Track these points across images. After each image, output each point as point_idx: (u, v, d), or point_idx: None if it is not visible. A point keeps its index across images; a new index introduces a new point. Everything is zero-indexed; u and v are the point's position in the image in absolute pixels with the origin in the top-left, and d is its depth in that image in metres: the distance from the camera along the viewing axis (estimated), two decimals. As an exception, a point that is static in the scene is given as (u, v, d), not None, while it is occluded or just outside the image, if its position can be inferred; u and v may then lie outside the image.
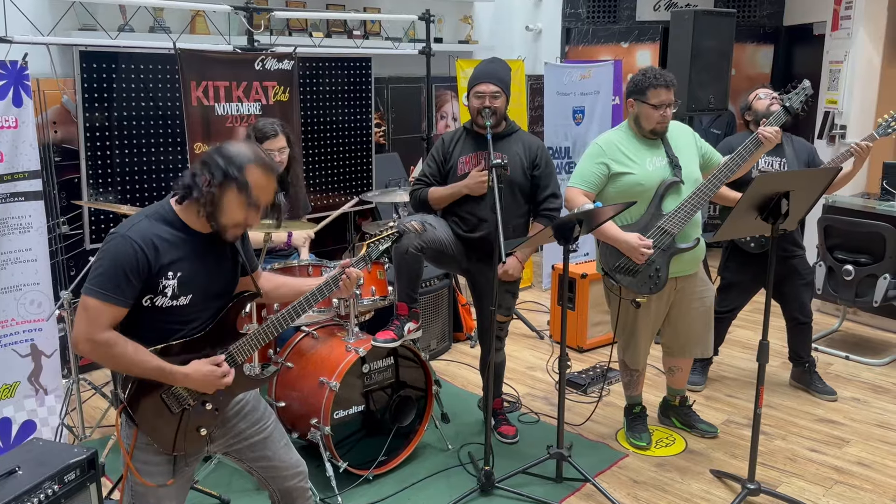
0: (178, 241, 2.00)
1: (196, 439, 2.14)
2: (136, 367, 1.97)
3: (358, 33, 5.53)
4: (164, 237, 1.98)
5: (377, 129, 5.51)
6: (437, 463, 3.35)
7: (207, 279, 2.07)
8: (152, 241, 1.95)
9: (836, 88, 5.71)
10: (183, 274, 2.00)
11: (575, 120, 5.80)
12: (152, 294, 1.97)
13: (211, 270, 2.09)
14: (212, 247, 2.08)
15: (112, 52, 3.95)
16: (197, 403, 2.11)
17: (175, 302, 2.01)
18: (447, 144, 3.37)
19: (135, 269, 1.92)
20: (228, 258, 2.15)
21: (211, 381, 2.06)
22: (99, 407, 3.79)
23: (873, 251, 4.33)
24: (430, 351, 4.48)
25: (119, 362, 1.97)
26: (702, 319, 3.35)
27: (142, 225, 1.97)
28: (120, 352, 1.93)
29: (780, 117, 3.23)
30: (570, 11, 6.87)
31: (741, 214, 2.79)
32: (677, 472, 3.28)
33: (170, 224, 2.01)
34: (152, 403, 2.05)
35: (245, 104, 4.18)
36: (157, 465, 2.10)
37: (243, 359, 2.15)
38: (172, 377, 2.01)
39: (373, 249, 2.35)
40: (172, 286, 1.98)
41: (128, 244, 1.92)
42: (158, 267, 1.95)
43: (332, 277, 2.27)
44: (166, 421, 2.07)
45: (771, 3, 6.67)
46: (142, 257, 1.92)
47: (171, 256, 1.98)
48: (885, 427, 3.68)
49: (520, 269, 3.36)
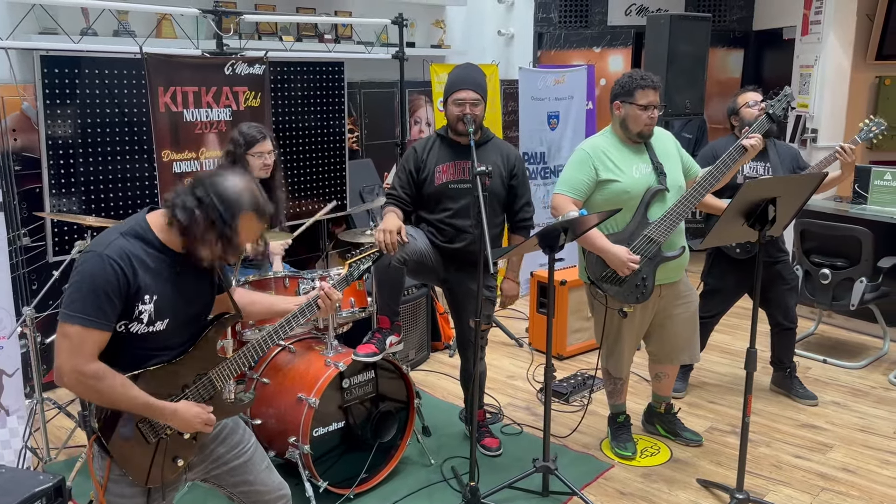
0: (155, 261, 1.89)
1: (172, 470, 2.02)
2: (122, 403, 1.85)
3: (329, 37, 5.42)
4: (141, 257, 1.86)
5: (350, 135, 5.40)
6: (421, 479, 3.26)
7: (185, 302, 1.96)
8: (130, 261, 1.83)
9: (807, 92, 5.77)
10: (159, 297, 1.88)
11: (550, 125, 5.76)
12: (127, 320, 1.85)
13: (188, 292, 1.98)
14: (188, 266, 1.96)
15: (75, 57, 3.79)
16: (174, 432, 1.99)
17: (151, 328, 1.89)
18: (420, 153, 3.24)
19: (115, 289, 1.80)
20: (206, 278, 2.04)
21: (195, 424, 1.96)
22: (64, 427, 3.63)
23: (849, 255, 4.35)
24: (409, 361, 4.39)
25: (105, 397, 1.84)
26: (688, 326, 3.31)
27: (119, 243, 1.85)
28: (108, 385, 1.81)
29: (764, 125, 3.21)
30: (541, 16, 6.84)
31: (728, 221, 2.75)
32: (664, 483, 3.24)
33: (147, 243, 1.89)
34: (128, 433, 1.93)
35: (215, 110, 4.05)
36: (131, 498, 1.97)
37: (222, 385, 2.05)
38: (161, 414, 1.91)
39: (354, 269, 2.27)
40: (149, 311, 1.87)
41: (106, 263, 1.80)
42: (136, 289, 1.84)
43: (312, 299, 2.18)
44: (142, 451, 1.95)
45: (741, 7, 6.71)
46: (121, 277, 1.80)
47: (149, 278, 1.86)
48: (867, 431, 3.69)
49: (517, 290, 3.38)
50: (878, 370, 4.41)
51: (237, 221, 1.87)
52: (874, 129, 3.65)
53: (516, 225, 3.33)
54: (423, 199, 3.24)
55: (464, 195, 3.16)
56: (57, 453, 3.38)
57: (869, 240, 4.24)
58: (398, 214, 3.09)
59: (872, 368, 4.44)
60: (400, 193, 3.23)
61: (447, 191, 3.18)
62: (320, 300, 2.17)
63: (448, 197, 3.18)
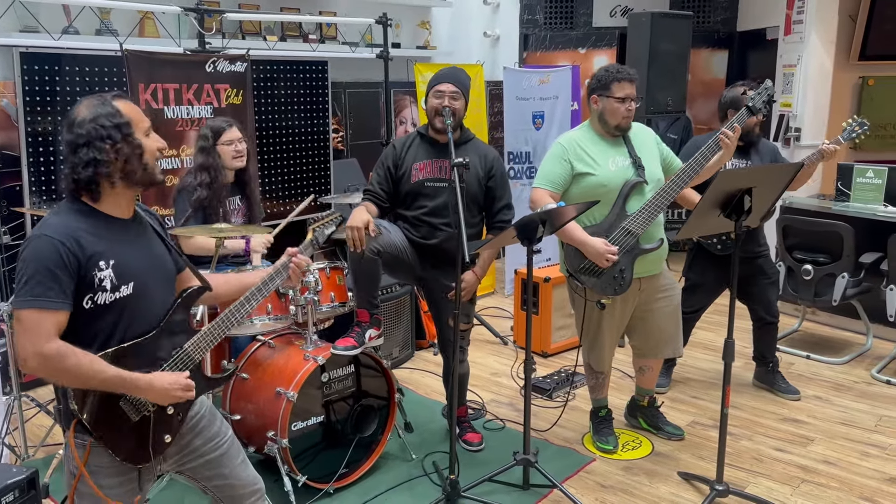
0: (100, 229, 1.87)
1: (160, 447, 1.99)
2: (93, 379, 1.81)
3: (314, 37, 5.42)
4: (85, 228, 1.84)
5: (335, 135, 5.41)
6: (401, 473, 3.25)
7: (145, 262, 1.94)
8: (72, 235, 1.80)
9: (790, 92, 5.80)
10: (117, 260, 1.86)
11: (535, 125, 5.78)
12: (91, 292, 1.83)
13: (146, 253, 1.96)
14: (137, 231, 1.97)
15: (55, 54, 3.79)
16: (157, 408, 1.97)
17: (118, 294, 1.86)
18: (399, 150, 3.24)
19: (62, 265, 1.77)
20: (160, 243, 2.03)
21: (172, 393, 1.92)
22: (43, 425, 3.60)
23: (831, 251, 4.37)
24: (393, 359, 4.38)
25: (74, 375, 1.80)
26: (670, 319, 3.31)
27: (55, 220, 1.83)
28: (74, 363, 1.78)
29: (744, 117, 3.21)
30: (527, 18, 6.87)
31: (704, 212, 2.76)
32: (645, 476, 3.24)
33: (86, 215, 1.87)
34: (110, 413, 1.90)
35: (196, 107, 4.05)
36: (120, 487, 1.95)
37: (200, 356, 2.03)
38: (135, 385, 1.86)
39: (319, 233, 2.28)
40: (109, 276, 1.84)
41: (47, 242, 1.77)
42: (87, 259, 1.81)
43: (280, 265, 2.17)
44: (126, 429, 1.92)
45: (725, 8, 6.75)
46: (65, 252, 1.78)
47: (97, 246, 1.84)
48: (848, 425, 3.70)
49: (476, 285, 3.27)
50: (861, 365, 4.43)
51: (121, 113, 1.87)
52: (857, 128, 3.67)
53: (494, 227, 3.29)
54: (399, 196, 3.24)
55: (440, 193, 3.16)
56: (35, 451, 3.36)
57: (850, 235, 4.26)
58: (369, 209, 3.09)
59: (855, 364, 4.46)
60: (376, 189, 3.22)
61: (423, 188, 3.18)
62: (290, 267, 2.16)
63: (424, 195, 3.18)
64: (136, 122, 1.90)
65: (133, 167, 1.87)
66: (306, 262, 2.18)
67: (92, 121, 1.84)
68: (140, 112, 1.94)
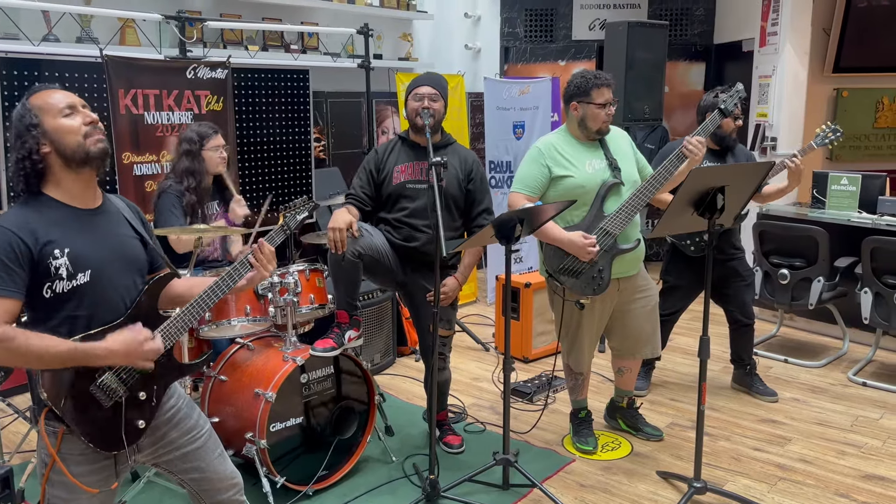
0: (55, 218, 1.89)
1: (135, 433, 1.99)
2: (47, 356, 1.80)
3: (295, 48, 5.46)
4: (39, 218, 1.86)
5: (317, 144, 5.43)
6: (381, 476, 3.24)
7: (106, 252, 1.95)
8: (26, 225, 1.83)
9: (766, 102, 5.89)
10: (72, 249, 1.87)
11: (515, 134, 5.83)
12: (48, 280, 1.84)
13: (105, 242, 1.96)
14: (100, 220, 1.98)
15: (35, 59, 3.79)
16: (130, 394, 1.97)
17: (75, 282, 1.87)
18: (381, 154, 3.28)
19: (11, 255, 1.79)
20: (126, 233, 2.04)
21: (135, 348, 1.89)
22: (19, 432, 3.57)
23: (807, 255, 4.43)
24: (374, 365, 4.38)
25: (26, 356, 1.79)
26: (648, 319, 3.34)
27: (11, 213, 1.87)
28: (23, 343, 1.77)
29: (717, 119, 3.26)
30: (508, 31, 6.95)
31: (677, 210, 2.80)
32: (624, 475, 3.25)
33: (42, 206, 1.90)
34: (81, 400, 1.89)
35: (176, 113, 4.06)
36: (93, 475, 1.94)
37: (170, 343, 2.02)
38: (93, 353, 1.85)
39: (290, 218, 2.27)
40: (65, 265, 1.85)
41: (1, 233, 1.80)
42: (40, 248, 1.83)
43: (245, 255, 2.15)
44: (100, 417, 1.92)
45: (701, 22, 6.87)
46: (16, 241, 1.80)
47: (52, 234, 1.85)
48: (825, 425, 3.73)
49: (457, 290, 3.29)
50: (838, 369, 4.48)
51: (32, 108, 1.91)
52: (830, 134, 3.70)
53: (473, 231, 3.30)
54: (381, 199, 3.26)
55: (421, 195, 3.19)
56: (10, 457, 3.32)
57: (825, 239, 4.32)
58: (351, 212, 3.10)
59: (832, 367, 4.51)
60: (359, 192, 3.24)
61: (405, 190, 3.20)
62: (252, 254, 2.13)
63: (405, 196, 3.20)
64: (48, 108, 1.91)
65: (61, 151, 1.89)
66: (269, 249, 2.15)
67: (13, 125, 1.92)
68: (56, 96, 1.94)
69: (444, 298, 3.20)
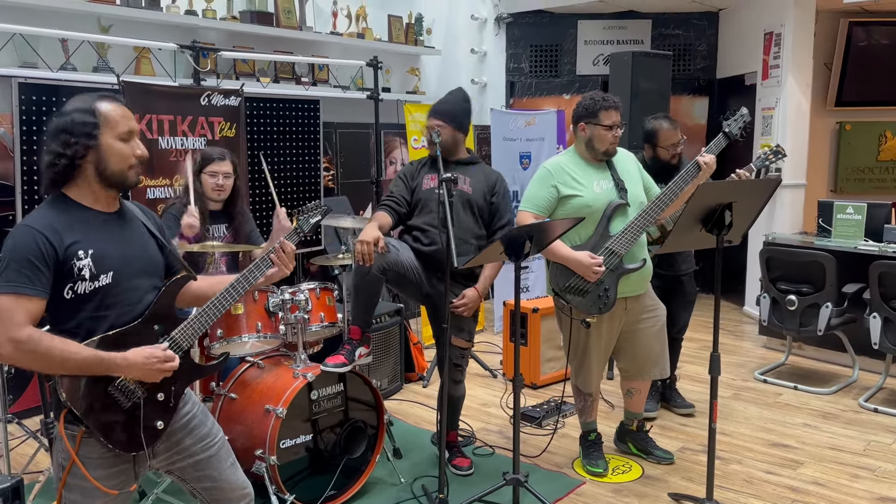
0: (80, 220, 1.91)
1: (154, 434, 2.00)
2: (69, 362, 1.82)
3: (306, 80, 5.57)
4: (64, 220, 1.88)
5: (326, 173, 5.50)
6: (390, 496, 3.22)
7: (128, 253, 1.97)
8: (52, 226, 1.85)
9: (770, 133, 5.97)
10: (95, 250, 1.89)
11: (522, 165, 5.90)
12: (71, 282, 1.86)
13: (126, 244, 1.98)
14: (120, 223, 2.00)
15: (53, 85, 3.88)
16: (148, 395, 1.98)
17: (97, 283, 1.89)
18: (415, 166, 3.49)
19: (39, 255, 1.81)
20: (146, 236, 2.06)
21: (152, 364, 1.92)
22: (27, 454, 3.55)
23: (814, 280, 4.44)
24: (382, 391, 4.36)
25: (49, 360, 1.81)
26: (657, 339, 3.35)
27: (38, 213, 1.89)
28: (47, 347, 1.79)
29: (721, 142, 3.32)
30: (513, 66, 7.09)
31: (685, 226, 2.82)
32: (635, 497, 3.22)
33: (67, 208, 1.91)
34: (100, 401, 1.90)
35: (190, 138, 4.13)
36: (112, 479, 1.94)
37: (188, 344, 2.04)
38: (113, 364, 1.87)
39: (303, 222, 2.29)
40: (88, 266, 1.87)
41: (25, 232, 1.82)
42: (65, 248, 1.85)
43: (267, 253, 2.17)
44: (119, 418, 1.92)
45: (704, 57, 7.00)
46: (43, 241, 1.81)
47: (76, 235, 1.87)
48: (837, 449, 3.70)
49: (477, 301, 3.33)
50: (849, 395, 4.45)
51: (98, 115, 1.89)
52: (772, 157, 3.45)
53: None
54: (411, 204, 3.39)
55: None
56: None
57: (832, 264, 4.34)
58: (381, 223, 3.17)
59: (843, 394, 4.48)
60: (396, 195, 3.37)
61: (432, 196, 3.32)
62: (274, 254, 2.15)
63: (432, 201, 3.32)
64: (112, 125, 1.91)
65: (101, 168, 1.91)
66: (291, 247, 2.17)
67: (68, 114, 1.90)
68: (124, 116, 1.94)
69: (464, 309, 3.25)
